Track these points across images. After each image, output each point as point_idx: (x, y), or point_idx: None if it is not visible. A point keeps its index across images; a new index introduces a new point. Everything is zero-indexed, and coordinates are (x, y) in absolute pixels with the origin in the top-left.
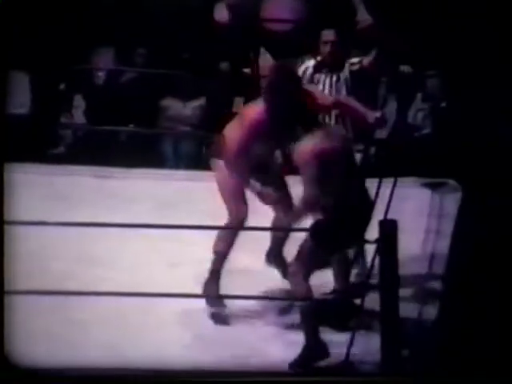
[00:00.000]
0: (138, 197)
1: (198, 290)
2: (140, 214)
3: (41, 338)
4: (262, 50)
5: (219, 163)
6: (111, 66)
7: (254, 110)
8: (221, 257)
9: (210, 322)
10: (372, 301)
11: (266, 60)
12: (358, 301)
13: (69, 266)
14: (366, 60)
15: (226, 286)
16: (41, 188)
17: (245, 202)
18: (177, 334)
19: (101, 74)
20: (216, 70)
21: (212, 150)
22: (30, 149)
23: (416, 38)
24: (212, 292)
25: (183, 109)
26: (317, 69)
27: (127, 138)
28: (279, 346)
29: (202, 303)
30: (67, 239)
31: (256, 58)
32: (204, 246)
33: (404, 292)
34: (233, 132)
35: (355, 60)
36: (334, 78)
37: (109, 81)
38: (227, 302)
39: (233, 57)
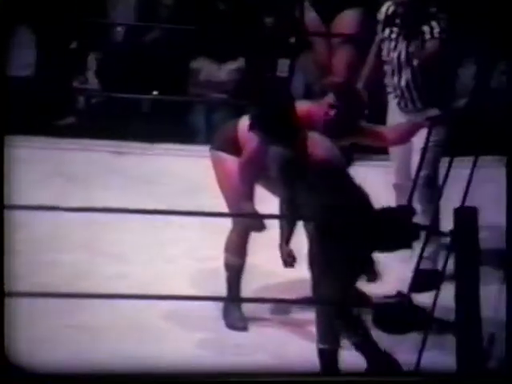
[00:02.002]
0: (161, 177)
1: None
2: (164, 198)
3: (42, 339)
4: (307, 5)
5: (224, 157)
6: (132, 21)
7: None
8: (235, 271)
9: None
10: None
11: (311, 17)
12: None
13: (79, 259)
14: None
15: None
16: (46, 166)
17: (252, 201)
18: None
19: (120, 29)
20: (258, 26)
21: (218, 141)
22: (34, 119)
23: None
24: (234, 318)
25: (217, 72)
26: (388, 21)
27: (150, 108)
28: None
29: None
30: (77, 227)
31: (301, 14)
32: None
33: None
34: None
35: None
36: (407, 37)
37: (129, 38)
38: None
39: (277, 11)
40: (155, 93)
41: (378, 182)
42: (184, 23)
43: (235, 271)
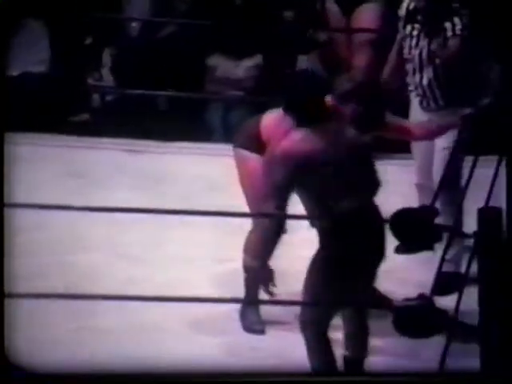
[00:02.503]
0: (178, 176)
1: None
2: (180, 198)
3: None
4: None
5: (247, 155)
6: (147, 16)
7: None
8: (254, 274)
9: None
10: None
11: (333, 11)
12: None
13: (93, 260)
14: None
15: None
16: (58, 164)
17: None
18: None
19: (135, 25)
20: (276, 21)
21: (241, 138)
22: (46, 115)
23: None
24: (251, 320)
25: (234, 69)
26: (410, 17)
27: (165, 105)
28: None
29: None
30: (91, 227)
31: (323, 7)
32: None
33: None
34: (281, 125)
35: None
36: (429, 34)
37: (144, 34)
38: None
39: (297, 5)
40: (171, 90)
41: (400, 182)
42: (200, 18)
43: (254, 273)
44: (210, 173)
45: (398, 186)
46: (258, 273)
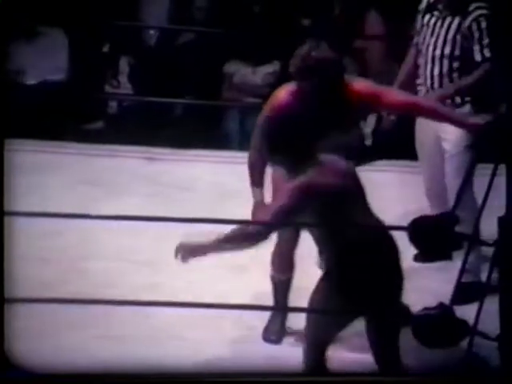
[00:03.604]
0: (195, 184)
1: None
2: (197, 205)
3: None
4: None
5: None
6: (165, 24)
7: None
8: (280, 286)
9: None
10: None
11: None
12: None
13: (108, 267)
14: None
15: None
16: (75, 172)
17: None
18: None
19: (152, 32)
20: (294, 28)
21: None
22: (62, 123)
23: None
24: (271, 330)
25: (252, 76)
26: (429, 8)
27: (183, 112)
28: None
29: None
30: (107, 235)
31: (342, 12)
32: None
33: None
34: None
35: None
36: (447, 22)
37: (162, 41)
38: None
39: (315, 11)
40: (188, 97)
41: (409, 189)
42: (217, 26)
43: (280, 285)
44: (227, 180)
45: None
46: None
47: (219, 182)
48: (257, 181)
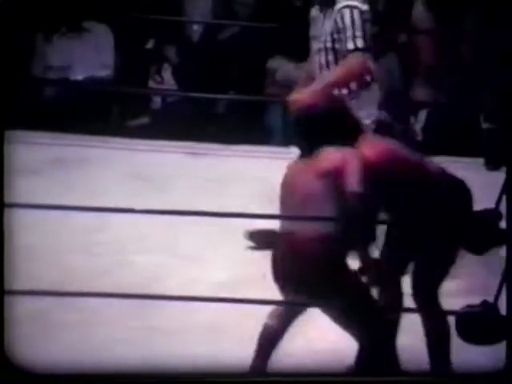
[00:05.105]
0: (238, 179)
1: None
2: (241, 201)
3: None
4: None
5: None
6: (208, 19)
7: None
8: None
9: None
10: None
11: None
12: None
13: (154, 261)
14: None
15: None
16: (121, 167)
17: None
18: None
19: (196, 28)
20: None
21: None
22: (107, 119)
23: None
24: None
25: (296, 71)
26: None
27: (226, 108)
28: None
29: None
30: (154, 229)
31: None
32: None
33: None
34: None
35: None
36: (322, 16)
37: (205, 37)
38: None
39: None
40: (231, 92)
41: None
42: (261, 21)
43: None
44: (270, 175)
45: None
46: None
47: (263, 176)
48: None
